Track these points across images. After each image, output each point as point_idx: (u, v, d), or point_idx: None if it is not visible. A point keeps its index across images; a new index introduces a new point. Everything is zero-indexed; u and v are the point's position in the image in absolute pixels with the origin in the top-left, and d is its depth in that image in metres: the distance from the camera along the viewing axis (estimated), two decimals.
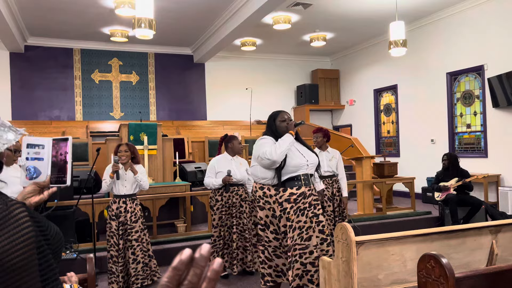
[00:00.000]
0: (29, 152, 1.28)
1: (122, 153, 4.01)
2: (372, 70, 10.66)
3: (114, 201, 4.04)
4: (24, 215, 0.89)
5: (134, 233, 4.02)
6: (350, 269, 2.61)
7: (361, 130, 11.01)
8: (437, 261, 1.94)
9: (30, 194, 1.24)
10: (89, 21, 8.49)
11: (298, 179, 2.97)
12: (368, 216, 6.37)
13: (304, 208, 2.96)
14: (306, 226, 2.94)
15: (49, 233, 0.95)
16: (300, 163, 2.98)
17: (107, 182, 3.99)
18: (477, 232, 2.98)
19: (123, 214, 4.00)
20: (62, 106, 9.99)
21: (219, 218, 4.31)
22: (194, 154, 8.35)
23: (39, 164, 1.28)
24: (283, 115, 3.14)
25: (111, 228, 4.00)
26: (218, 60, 11.09)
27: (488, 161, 7.67)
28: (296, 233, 2.92)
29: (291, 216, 2.92)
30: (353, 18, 8.64)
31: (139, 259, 4.02)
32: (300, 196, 2.96)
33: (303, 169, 2.99)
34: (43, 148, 1.28)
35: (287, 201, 2.94)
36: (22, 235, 0.87)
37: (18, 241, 0.86)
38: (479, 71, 7.89)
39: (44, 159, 1.28)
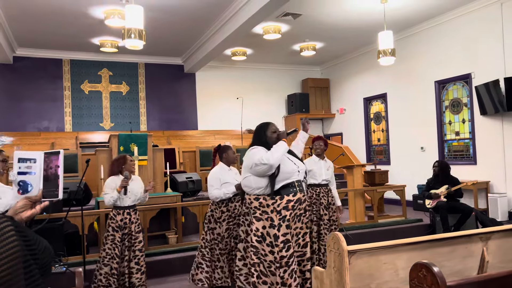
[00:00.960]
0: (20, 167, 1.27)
1: (133, 163, 4.11)
2: (362, 79, 10.76)
3: (118, 213, 4.01)
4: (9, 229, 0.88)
5: (138, 243, 4.05)
6: (342, 279, 2.60)
7: (352, 139, 11.07)
8: (429, 269, 1.94)
9: (22, 209, 1.22)
10: (79, 32, 8.46)
11: (292, 185, 3.00)
12: (360, 224, 6.37)
13: (300, 214, 3.00)
14: (303, 232, 2.98)
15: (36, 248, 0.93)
16: (293, 169, 3.03)
17: (113, 197, 3.94)
18: (467, 239, 2.99)
19: (128, 225, 4.01)
20: (51, 117, 9.90)
21: (226, 229, 4.10)
22: (185, 164, 8.31)
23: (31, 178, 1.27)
24: (273, 127, 3.20)
25: (114, 239, 3.95)
26: (209, 70, 11.11)
27: (477, 168, 7.75)
28: (293, 240, 2.94)
29: (290, 224, 2.95)
30: (342, 27, 8.73)
31: (142, 269, 4.06)
32: (297, 203, 3.00)
33: (296, 176, 3.03)
34: (35, 162, 1.27)
35: (286, 209, 2.95)
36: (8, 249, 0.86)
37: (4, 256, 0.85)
38: (467, 79, 8.00)
39: (36, 173, 1.27)
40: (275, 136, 3.13)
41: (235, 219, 4.17)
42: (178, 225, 5.65)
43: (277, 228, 2.91)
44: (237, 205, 4.20)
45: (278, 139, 3.10)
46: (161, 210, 5.58)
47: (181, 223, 5.68)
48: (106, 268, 3.96)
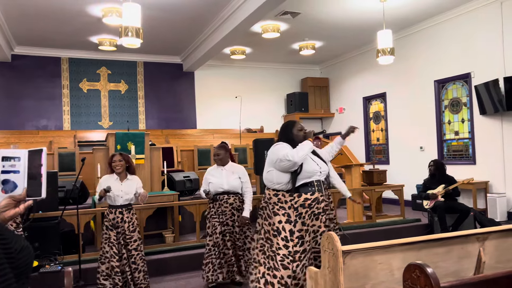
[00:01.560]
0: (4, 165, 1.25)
1: (116, 163, 4.06)
2: (361, 78, 10.72)
3: (110, 212, 4.03)
4: None
5: (133, 243, 4.03)
6: (336, 279, 2.58)
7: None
8: (422, 270, 1.92)
9: (5, 208, 1.21)
10: (77, 30, 8.44)
11: (311, 185, 3.10)
12: (357, 224, 6.35)
13: (318, 213, 3.09)
14: (321, 230, 3.07)
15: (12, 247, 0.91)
16: (315, 169, 3.12)
17: (97, 197, 4.04)
18: (464, 240, 2.96)
19: (121, 224, 4.00)
20: (50, 116, 9.87)
21: (212, 225, 4.31)
22: (183, 163, 8.28)
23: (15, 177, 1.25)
24: (299, 125, 3.27)
25: (109, 238, 3.97)
26: (208, 69, 11.09)
27: (476, 168, 7.72)
28: (311, 237, 3.06)
29: (306, 221, 3.05)
30: (342, 26, 8.70)
31: (140, 268, 4.05)
32: (314, 202, 3.08)
33: (316, 176, 3.13)
34: (19, 160, 1.26)
35: (302, 206, 3.05)
36: None
37: None
38: (466, 79, 7.97)
39: (20, 171, 1.25)
40: (302, 134, 3.22)
41: (218, 217, 4.30)
42: (175, 224, 5.63)
43: (293, 224, 3.03)
44: (221, 204, 4.27)
45: (305, 138, 3.18)
46: (158, 209, 5.56)
47: (178, 222, 5.66)
48: (103, 266, 3.97)
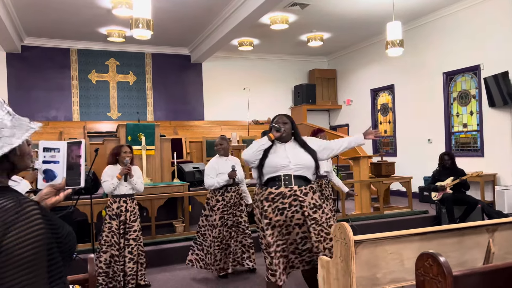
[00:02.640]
0: (45, 156, 1.32)
1: (127, 154, 4.12)
2: (369, 70, 10.70)
3: (114, 201, 4.09)
4: (36, 213, 0.93)
5: (133, 232, 4.07)
6: (348, 268, 2.63)
7: (358, 130, 11.03)
8: (435, 259, 1.96)
9: (47, 196, 1.28)
10: (86, 21, 8.48)
11: (278, 179, 3.04)
12: (365, 216, 6.40)
13: (283, 208, 3.01)
14: (285, 224, 3.02)
15: (60, 233, 0.98)
16: (279, 163, 3.05)
17: (114, 184, 4.03)
18: (474, 231, 3.00)
19: (124, 213, 4.05)
20: (59, 107, 9.97)
21: (219, 218, 4.29)
22: (192, 154, 8.36)
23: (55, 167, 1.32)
24: (278, 118, 3.22)
25: (111, 227, 4.03)
26: (216, 60, 11.10)
27: (485, 160, 7.72)
28: (276, 230, 3.03)
29: (268, 214, 3.03)
30: (350, 18, 8.66)
31: (136, 259, 4.07)
32: (278, 196, 3.02)
33: (284, 170, 3.04)
34: (59, 151, 1.33)
35: (266, 200, 3.06)
36: (33, 231, 0.91)
37: (29, 237, 0.90)
38: (475, 71, 7.93)
39: (59, 162, 1.33)
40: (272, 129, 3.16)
41: (230, 209, 4.33)
42: (185, 214, 5.71)
43: (264, 216, 3.08)
44: (233, 195, 4.31)
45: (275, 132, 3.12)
46: (168, 199, 5.64)
47: (188, 212, 5.74)
48: (105, 255, 4.02)
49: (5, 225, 0.90)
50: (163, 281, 4.46)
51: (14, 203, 0.94)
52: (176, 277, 4.62)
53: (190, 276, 4.63)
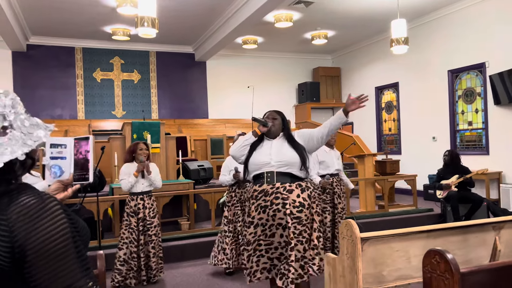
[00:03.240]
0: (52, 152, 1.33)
1: (143, 151, 4.17)
2: (373, 67, 10.67)
3: (132, 199, 4.15)
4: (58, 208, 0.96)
5: (153, 228, 4.16)
6: (355, 265, 2.64)
7: (362, 128, 11.04)
8: (442, 256, 1.97)
9: (55, 192, 1.30)
10: (91, 20, 8.51)
11: (262, 176, 2.97)
12: (370, 214, 6.40)
13: (265, 206, 2.92)
14: (269, 224, 2.91)
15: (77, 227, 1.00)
16: (261, 161, 2.97)
17: (131, 182, 4.08)
18: (480, 228, 3.00)
19: (142, 211, 4.12)
20: (64, 105, 10.01)
21: (233, 214, 4.40)
22: (197, 152, 8.38)
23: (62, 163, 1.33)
24: (268, 114, 3.14)
25: (130, 224, 4.10)
26: (220, 59, 11.11)
27: (490, 158, 7.69)
28: (259, 229, 2.92)
29: (251, 212, 2.97)
30: (355, 16, 8.65)
31: (157, 253, 4.19)
32: (261, 194, 2.95)
33: (267, 167, 2.95)
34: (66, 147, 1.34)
35: (251, 197, 3.02)
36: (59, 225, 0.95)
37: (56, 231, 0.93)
38: (481, 69, 7.90)
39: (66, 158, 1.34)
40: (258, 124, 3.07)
41: (242, 204, 4.36)
42: (191, 212, 5.74)
43: (248, 213, 3.04)
44: (243, 192, 4.36)
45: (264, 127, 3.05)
46: (174, 197, 5.67)
47: (193, 210, 5.76)
48: (121, 252, 4.09)
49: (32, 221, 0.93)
50: (169, 278, 4.49)
51: (37, 199, 0.96)
52: (181, 274, 4.64)
53: (196, 273, 4.66)
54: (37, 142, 1.05)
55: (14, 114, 1.05)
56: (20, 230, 0.93)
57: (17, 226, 0.93)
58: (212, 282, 4.34)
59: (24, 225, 0.93)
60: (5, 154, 0.99)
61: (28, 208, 0.94)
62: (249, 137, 3.05)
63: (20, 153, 1.01)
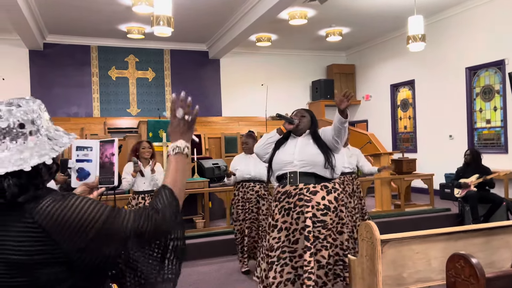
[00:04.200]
0: (78, 154, 1.33)
1: (146, 149, 4.17)
2: (389, 65, 10.54)
3: (134, 197, 4.17)
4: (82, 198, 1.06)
5: None
6: (374, 267, 2.61)
7: (377, 126, 10.92)
8: (467, 261, 1.93)
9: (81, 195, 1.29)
10: (106, 18, 8.57)
11: (285, 177, 2.84)
12: (386, 213, 6.34)
13: (288, 208, 2.78)
14: (292, 228, 2.76)
15: None
16: (283, 160, 2.84)
17: (128, 181, 4.10)
18: (502, 230, 2.95)
19: None
20: (80, 103, 10.12)
21: (237, 212, 4.44)
22: (211, 150, 8.39)
23: (88, 166, 1.33)
24: (296, 112, 3.01)
25: None
26: (233, 56, 11.10)
27: (509, 157, 7.54)
28: (283, 234, 2.77)
29: (275, 215, 2.82)
30: (370, 12, 8.54)
31: None
32: (284, 195, 2.81)
33: (290, 167, 2.82)
34: (91, 150, 1.33)
35: (274, 199, 2.89)
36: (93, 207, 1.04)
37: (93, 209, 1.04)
38: (500, 66, 7.74)
39: (92, 160, 1.33)
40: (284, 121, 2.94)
41: (245, 204, 4.39)
42: (206, 210, 5.75)
43: (272, 215, 2.88)
44: (247, 191, 4.37)
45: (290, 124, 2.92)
46: (189, 195, 5.68)
47: (208, 208, 5.78)
48: None
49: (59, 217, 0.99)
50: (183, 276, 4.50)
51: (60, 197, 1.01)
52: (196, 272, 4.66)
53: (210, 271, 4.67)
54: (63, 148, 1.06)
55: (41, 120, 1.05)
56: (57, 235, 0.96)
57: (48, 227, 0.96)
58: (228, 281, 4.35)
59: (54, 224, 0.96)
60: (33, 158, 1.00)
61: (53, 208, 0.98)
62: (273, 134, 2.94)
63: (47, 158, 1.02)
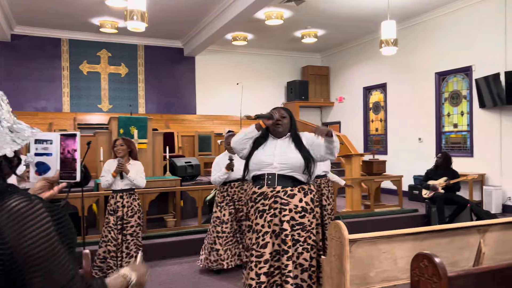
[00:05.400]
0: (37, 148, 1.27)
1: (118, 147, 4.04)
2: (362, 68, 10.73)
3: (112, 196, 4.06)
4: (43, 211, 0.93)
5: (130, 228, 4.03)
6: (343, 267, 2.65)
7: (350, 128, 11.10)
8: (431, 260, 1.98)
9: (41, 190, 1.24)
10: (78, 11, 8.35)
11: (262, 177, 2.79)
12: (356, 213, 6.44)
13: (263, 210, 2.74)
14: (264, 230, 2.72)
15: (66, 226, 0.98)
16: (263, 161, 2.78)
17: (108, 181, 3.99)
18: (465, 231, 3.04)
19: (121, 209, 4.01)
20: (49, 97, 9.82)
21: (229, 213, 4.32)
22: (184, 148, 8.32)
23: (48, 160, 1.27)
24: (275, 111, 2.90)
25: (108, 222, 4.00)
26: (209, 54, 11.03)
27: (474, 161, 7.82)
28: (254, 236, 2.75)
29: (251, 216, 2.80)
30: (345, 16, 8.67)
31: (132, 253, 4.03)
32: (260, 196, 2.76)
33: (269, 168, 2.77)
34: (51, 143, 1.28)
35: (250, 200, 2.83)
36: (45, 229, 0.92)
37: (42, 235, 0.91)
38: (467, 72, 8.01)
39: (52, 154, 1.28)
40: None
41: (234, 204, 4.31)
42: (177, 209, 5.69)
43: (247, 217, 2.85)
44: (236, 191, 4.31)
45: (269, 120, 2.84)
46: (160, 193, 5.61)
47: (180, 207, 5.72)
48: (100, 250, 4.02)
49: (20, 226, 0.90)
50: (154, 276, 4.44)
51: (25, 203, 0.93)
52: (166, 271, 4.61)
53: (181, 270, 4.62)
54: (25, 141, 1.01)
55: (1, 111, 1.01)
56: (9, 235, 0.89)
57: (7, 231, 0.90)
58: (199, 281, 4.31)
59: (13, 231, 0.90)
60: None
61: (16, 213, 0.91)
62: (251, 130, 2.83)
63: (9, 150, 0.98)
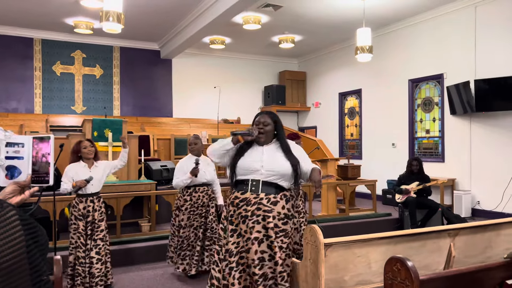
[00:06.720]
0: (8, 151, 1.22)
1: (88, 149, 3.93)
2: (338, 73, 10.89)
3: (81, 201, 3.89)
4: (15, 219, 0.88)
5: (100, 232, 3.92)
6: (318, 271, 2.67)
7: (325, 132, 11.24)
8: (403, 264, 2.02)
9: (11, 195, 1.19)
10: (52, 11, 8.15)
11: (246, 183, 2.77)
12: (331, 217, 6.51)
13: (245, 216, 2.73)
14: (246, 236, 2.74)
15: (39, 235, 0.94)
16: (250, 166, 2.77)
17: (67, 189, 3.84)
18: (437, 235, 3.11)
19: (91, 213, 3.89)
20: (20, 98, 9.54)
21: (187, 218, 4.29)
22: (160, 151, 8.22)
23: (19, 163, 1.23)
24: (259, 118, 2.87)
25: (77, 228, 3.85)
26: (186, 57, 10.97)
27: (445, 166, 8.04)
28: (240, 239, 2.76)
29: (234, 220, 2.79)
30: (322, 22, 8.79)
31: (103, 259, 3.93)
32: (243, 202, 2.75)
33: (255, 174, 2.76)
34: (23, 146, 1.23)
35: (232, 204, 2.81)
36: (13, 238, 0.88)
37: (9, 245, 0.86)
38: (439, 79, 8.25)
39: (24, 158, 1.23)
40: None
41: (197, 209, 4.30)
42: (152, 213, 5.61)
43: (229, 221, 2.82)
44: (201, 195, 4.28)
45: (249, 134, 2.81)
46: (135, 197, 5.52)
47: (155, 212, 5.64)
48: (71, 257, 3.89)
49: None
50: (127, 281, 4.37)
51: None
52: (141, 277, 4.53)
53: (155, 276, 4.56)
54: None
55: None
56: None
57: None
58: (173, 286, 4.26)
59: None
60: None
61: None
62: (228, 142, 2.78)
63: None
